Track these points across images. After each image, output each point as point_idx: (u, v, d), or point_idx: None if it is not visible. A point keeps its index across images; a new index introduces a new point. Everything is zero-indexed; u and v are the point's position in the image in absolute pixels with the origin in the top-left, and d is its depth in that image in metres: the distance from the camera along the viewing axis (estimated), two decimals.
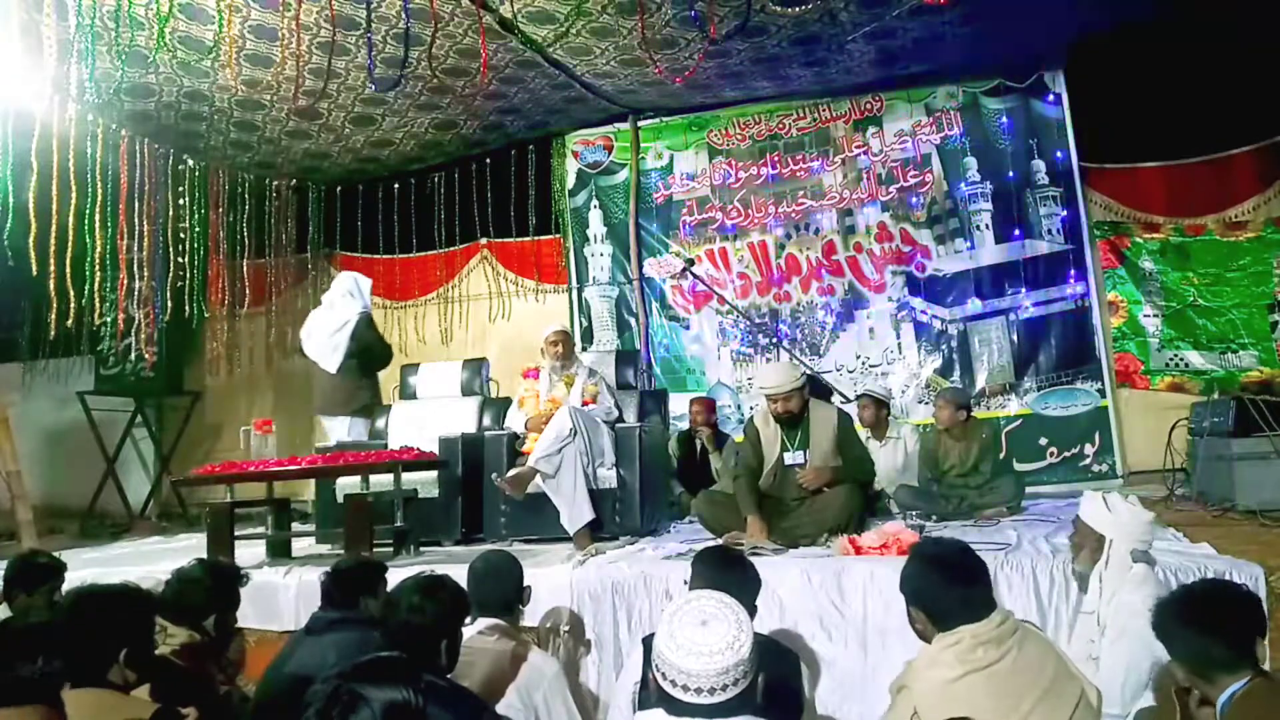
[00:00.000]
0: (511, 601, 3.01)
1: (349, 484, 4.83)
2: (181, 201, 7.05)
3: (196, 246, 7.20)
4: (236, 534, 4.76)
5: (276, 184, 7.99)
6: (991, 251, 6.98)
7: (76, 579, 3.44)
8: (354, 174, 8.05)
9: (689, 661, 1.76)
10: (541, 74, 6.46)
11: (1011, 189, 6.95)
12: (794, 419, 4.52)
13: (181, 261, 7.10)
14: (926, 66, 6.83)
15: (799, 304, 7.37)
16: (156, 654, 2.53)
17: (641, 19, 5.43)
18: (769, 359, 7.24)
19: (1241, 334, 6.54)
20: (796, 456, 4.54)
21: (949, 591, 2.21)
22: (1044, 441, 6.70)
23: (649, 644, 1.94)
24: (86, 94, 5.16)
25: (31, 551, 3.86)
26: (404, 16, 4.99)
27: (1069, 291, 6.79)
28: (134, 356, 7.29)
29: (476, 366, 6.05)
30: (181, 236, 7.09)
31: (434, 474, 5.10)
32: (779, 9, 5.37)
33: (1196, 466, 5.28)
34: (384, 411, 5.90)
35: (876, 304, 7.19)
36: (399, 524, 4.67)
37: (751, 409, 6.69)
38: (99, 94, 5.41)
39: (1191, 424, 5.59)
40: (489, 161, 7.87)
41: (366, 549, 4.36)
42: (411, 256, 8.23)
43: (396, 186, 8.05)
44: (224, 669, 2.95)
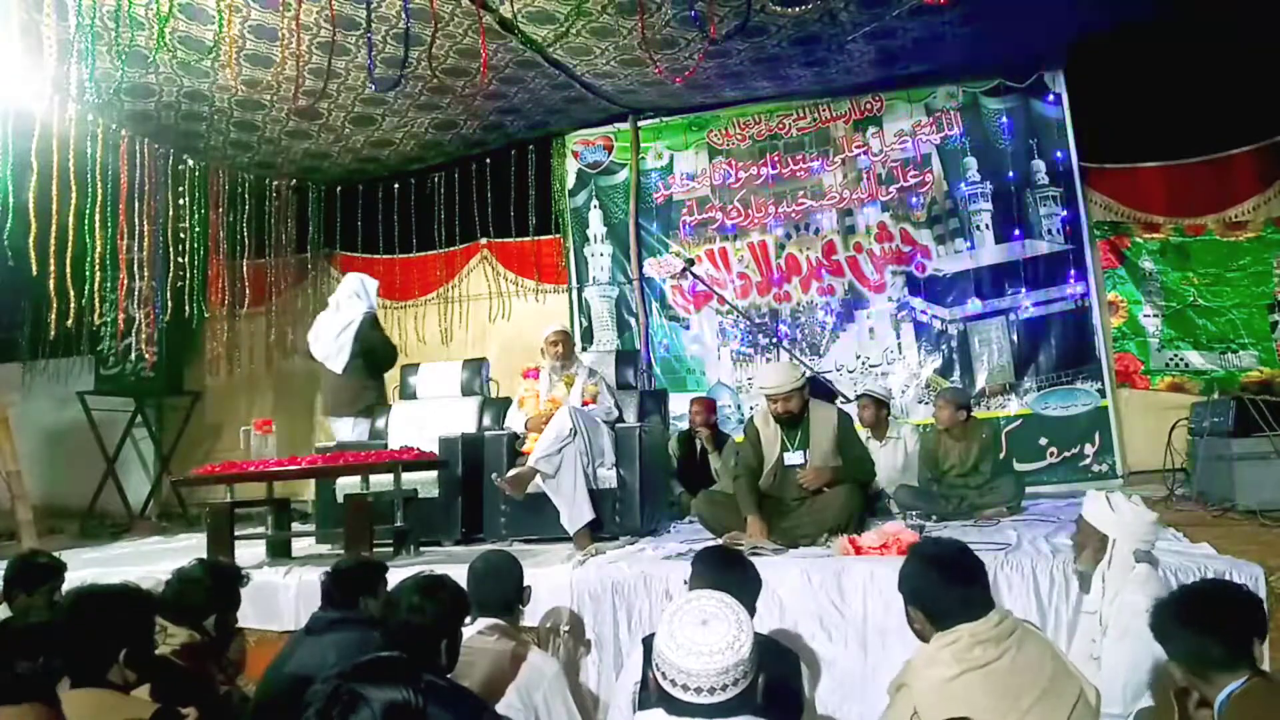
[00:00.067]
0: (511, 601, 3.02)
1: (349, 484, 4.83)
2: (181, 201, 7.05)
3: (196, 246, 7.20)
4: (236, 534, 4.76)
5: (276, 184, 7.98)
6: (991, 251, 6.97)
7: (76, 579, 3.45)
8: (354, 174, 8.04)
9: (689, 661, 1.76)
10: (541, 74, 6.46)
11: (1011, 189, 6.94)
12: (794, 419, 4.53)
13: (181, 261, 7.10)
14: (926, 66, 6.83)
15: (799, 304, 7.37)
16: (157, 654, 2.53)
17: (641, 19, 5.43)
18: (769, 359, 7.24)
19: (1241, 334, 6.54)
20: (796, 456, 4.54)
21: (947, 591, 2.22)
22: (1044, 441, 6.70)
23: (649, 644, 1.94)
24: (86, 94, 5.15)
25: (31, 551, 3.86)
26: (404, 16, 4.99)
27: (1069, 291, 6.79)
28: (134, 356, 7.30)
29: (476, 366, 6.05)
30: (181, 236, 7.09)
31: (434, 474, 5.10)
32: (779, 9, 5.36)
33: (1196, 466, 5.28)
34: (384, 411, 5.90)
35: (876, 304, 7.18)
36: (399, 524, 4.68)
37: (751, 409, 6.68)
38: (99, 94, 5.41)
39: (1191, 424, 5.59)
40: (489, 161, 7.86)
41: (366, 549, 4.36)
42: (411, 256, 8.23)
43: (396, 186, 8.05)
44: (224, 669, 2.95)
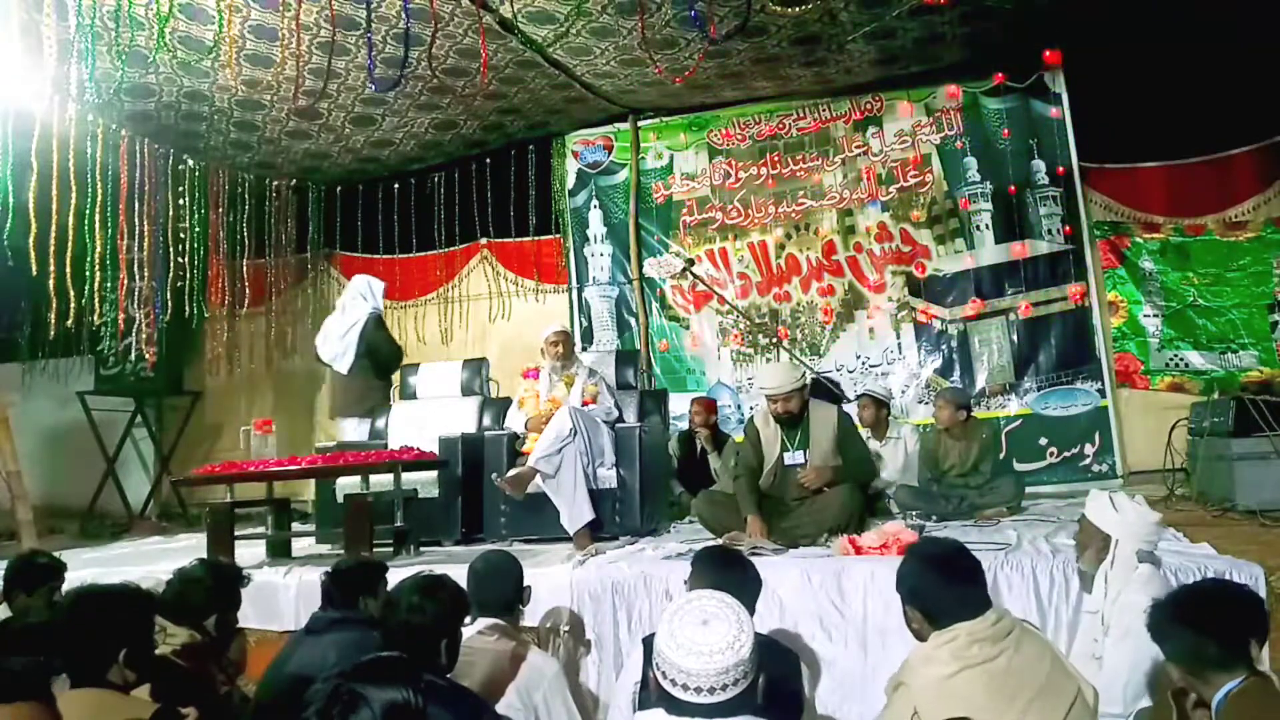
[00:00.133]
0: (511, 601, 3.01)
1: (349, 484, 4.84)
2: (181, 201, 7.05)
3: (196, 246, 7.20)
4: (236, 534, 4.77)
5: (276, 184, 7.98)
6: (991, 251, 6.97)
7: (76, 579, 3.45)
8: (354, 174, 8.04)
9: (689, 661, 1.76)
10: (541, 74, 6.46)
11: (1011, 189, 6.93)
12: (794, 419, 4.53)
13: (181, 261, 7.10)
14: (926, 66, 6.84)
15: (799, 304, 7.37)
16: (157, 654, 2.53)
17: (641, 19, 5.43)
18: (769, 359, 7.25)
19: (1241, 334, 6.54)
20: (796, 456, 4.54)
21: (945, 590, 2.23)
22: (1044, 441, 6.69)
23: (649, 644, 1.94)
24: (86, 94, 5.15)
25: (31, 551, 3.86)
26: (404, 16, 4.99)
27: (1069, 291, 6.78)
28: (134, 356, 7.30)
29: (476, 366, 6.05)
30: (181, 236, 7.09)
31: (434, 474, 5.10)
32: (779, 9, 5.36)
33: (1196, 466, 5.28)
34: (384, 411, 5.91)
35: (876, 304, 7.19)
36: (399, 524, 4.68)
37: (751, 409, 6.68)
38: (99, 94, 5.41)
39: (1191, 424, 5.58)
40: (489, 161, 7.86)
41: (366, 549, 4.36)
42: (411, 256, 8.23)
43: (396, 186, 8.05)
44: (225, 669, 2.95)
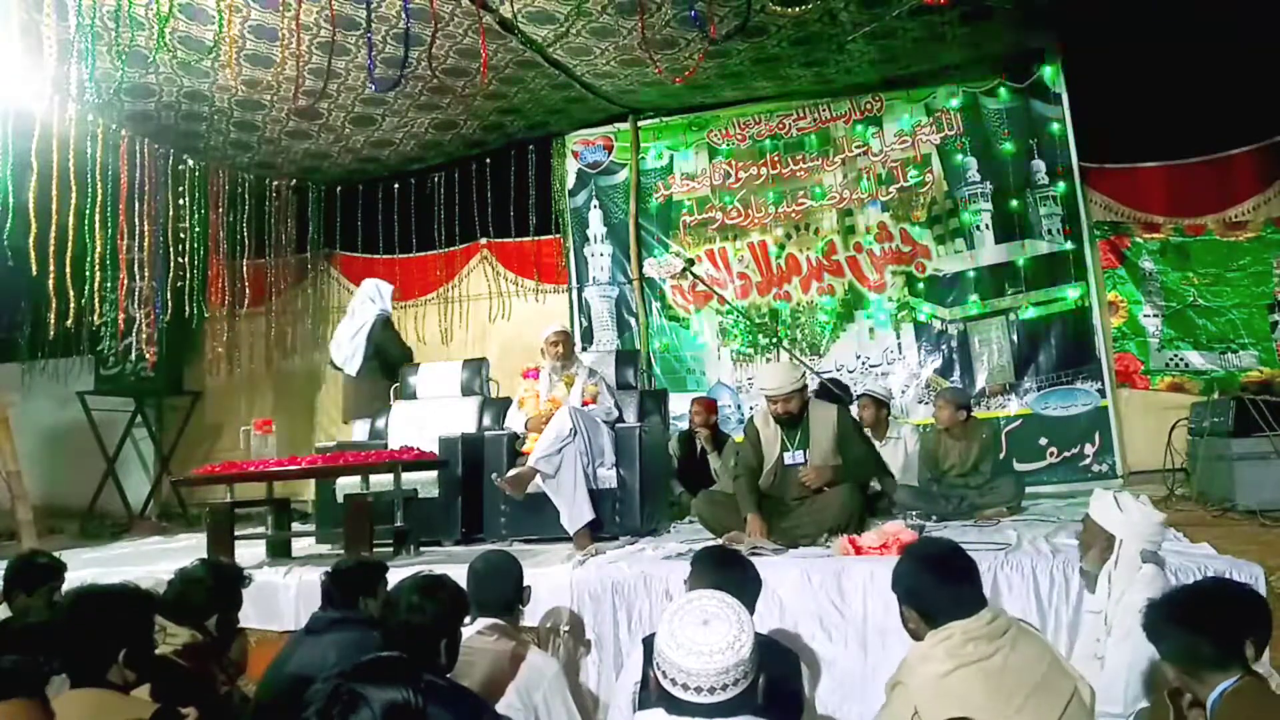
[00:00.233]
0: (511, 601, 3.01)
1: (349, 484, 4.84)
2: (181, 201, 7.05)
3: (196, 246, 7.20)
4: (236, 534, 4.77)
5: (276, 184, 7.98)
6: (991, 251, 6.96)
7: (76, 579, 3.45)
8: (354, 174, 8.04)
9: (690, 660, 1.76)
10: (541, 74, 6.46)
11: (1011, 189, 6.94)
12: (794, 419, 4.52)
13: (181, 261, 7.10)
14: (926, 66, 6.84)
15: (799, 304, 7.37)
16: (157, 654, 2.53)
17: (641, 19, 5.43)
18: (769, 359, 7.24)
19: (1241, 334, 6.53)
20: (796, 456, 4.54)
21: (940, 590, 2.25)
22: (1044, 441, 6.69)
23: (649, 644, 1.94)
24: (86, 94, 5.15)
25: (31, 551, 3.86)
26: (404, 16, 4.99)
27: (1069, 291, 6.78)
28: (134, 356, 7.30)
29: (476, 366, 6.05)
30: (181, 236, 7.09)
31: (434, 474, 5.10)
32: (779, 9, 5.36)
33: (1196, 466, 5.28)
34: (384, 411, 5.91)
35: (876, 304, 7.19)
36: (399, 524, 4.68)
37: (751, 409, 6.68)
38: (99, 94, 5.41)
39: (1191, 424, 5.59)
40: (489, 161, 7.86)
41: (366, 549, 4.36)
42: (411, 256, 8.22)
43: (396, 186, 8.05)
44: (226, 669, 2.95)
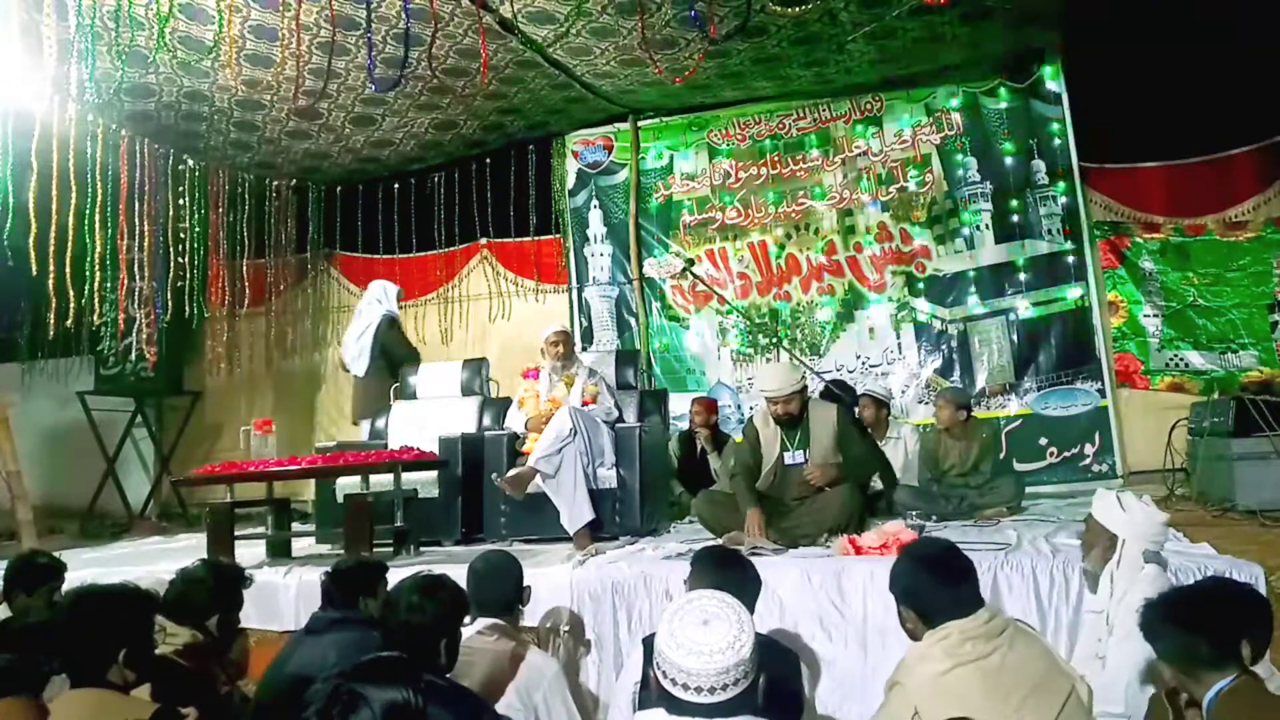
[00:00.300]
0: (511, 601, 3.02)
1: (349, 484, 4.83)
2: (181, 201, 7.05)
3: (196, 246, 7.20)
4: (236, 534, 4.77)
5: (276, 184, 7.98)
6: (991, 251, 6.97)
7: (76, 579, 3.45)
8: (354, 174, 8.04)
9: (690, 660, 1.76)
10: (541, 74, 6.46)
11: (1011, 189, 6.94)
12: (793, 419, 4.52)
13: (181, 261, 7.10)
14: (926, 66, 6.83)
15: (799, 304, 7.37)
16: (157, 654, 2.53)
17: (641, 19, 5.43)
18: (769, 359, 7.24)
19: (1241, 334, 6.53)
20: (796, 456, 4.53)
21: (937, 590, 2.26)
22: (1044, 441, 6.69)
23: (649, 644, 1.94)
24: (86, 94, 5.15)
25: (31, 551, 3.86)
26: (404, 16, 4.99)
27: (1069, 291, 6.79)
28: (134, 356, 7.31)
29: (476, 366, 6.05)
30: (181, 236, 7.09)
31: (434, 474, 5.10)
32: (779, 9, 5.36)
33: (1196, 466, 5.28)
34: (384, 411, 5.91)
35: (876, 304, 7.19)
36: (399, 524, 4.67)
37: (751, 409, 6.68)
38: (99, 94, 5.41)
39: (1191, 424, 5.58)
40: (489, 161, 7.86)
41: (366, 549, 4.36)
42: (411, 256, 8.22)
43: (396, 186, 8.05)
44: (226, 669, 2.95)
